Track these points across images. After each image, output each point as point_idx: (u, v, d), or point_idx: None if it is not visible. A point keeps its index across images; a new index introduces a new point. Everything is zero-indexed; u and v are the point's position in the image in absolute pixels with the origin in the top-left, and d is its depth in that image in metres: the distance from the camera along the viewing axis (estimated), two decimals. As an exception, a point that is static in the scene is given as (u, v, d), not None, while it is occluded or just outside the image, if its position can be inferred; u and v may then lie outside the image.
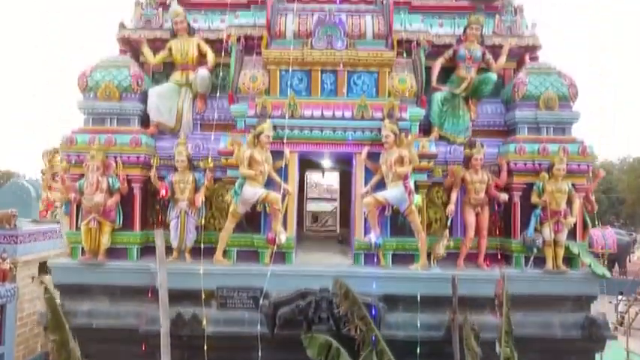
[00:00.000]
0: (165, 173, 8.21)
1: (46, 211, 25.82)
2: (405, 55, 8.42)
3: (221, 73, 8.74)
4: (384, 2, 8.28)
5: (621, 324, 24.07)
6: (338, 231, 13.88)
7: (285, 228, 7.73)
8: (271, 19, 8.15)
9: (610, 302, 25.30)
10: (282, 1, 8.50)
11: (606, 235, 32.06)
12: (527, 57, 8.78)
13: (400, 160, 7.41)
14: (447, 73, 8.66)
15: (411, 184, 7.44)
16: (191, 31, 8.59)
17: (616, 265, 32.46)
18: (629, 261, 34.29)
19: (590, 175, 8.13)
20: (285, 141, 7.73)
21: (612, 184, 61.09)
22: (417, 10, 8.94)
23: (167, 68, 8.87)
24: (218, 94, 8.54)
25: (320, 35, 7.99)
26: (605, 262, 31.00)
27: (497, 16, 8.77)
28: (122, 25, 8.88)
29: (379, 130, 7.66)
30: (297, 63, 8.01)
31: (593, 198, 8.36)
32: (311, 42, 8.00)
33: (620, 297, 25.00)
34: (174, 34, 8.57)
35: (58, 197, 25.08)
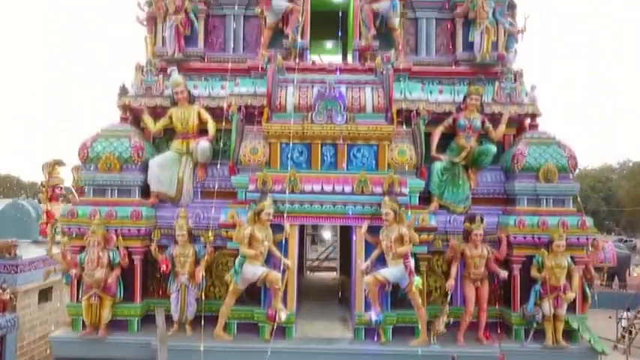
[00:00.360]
0: (166, 242, 8.27)
1: (46, 224, 25.88)
2: (404, 124, 8.47)
3: (222, 139, 8.79)
4: (384, 73, 8.29)
5: (620, 341, 24.09)
6: (338, 274, 13.94)
7: (286, 303, 7.75)
8: (272, 90, 8.17)
9: (609, 317, 25.33)
10: (282, 71, 8.51)
11: (606, 249, 32.12)
12: (526, 122, 8.82)
13: (400, 239, 7.44)
14: (446, 139, 8.69)
15: (412, 264, 7.47)
16: (191, 99, 8.61)
17: (615, 278, 32.51)
18: (629, 274, 34.27)
19: (590, 247, 8.16)
20: (285, 215, 7.77)
21: (612, 190, 61.25)
22: (416, 76, 8.98)
23: (168, 133, 8.87)
24: (219, 161, 8.59)
25: (320, 109, 8.02)
26: (605, 276, 31.15)
27: (496, 83, 8.78)
28: (123, 92, 8.92)
29: (379, 204, 7.69)
30: (298, 137, 8.05)
31: (592, 268, 8.41)
32: (311, 116, 8.03)
33: (627, 313, 24.88)
34: (174, 102, 8.59)
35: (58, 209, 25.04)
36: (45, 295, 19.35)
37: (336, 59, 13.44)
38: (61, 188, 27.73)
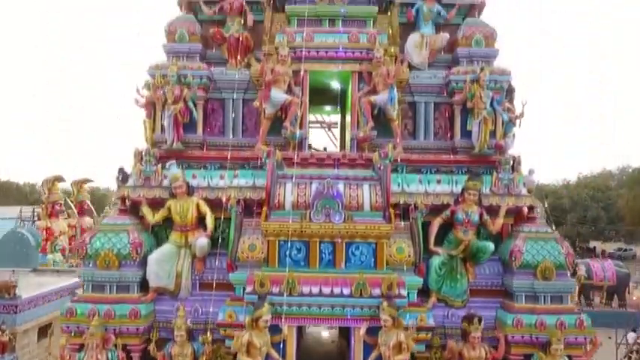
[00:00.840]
0: (165, 335, 8.30)
1: (47, 241, 25.97)
2: (402, 217, 8.50)
3: (221, 226, 8.81)
4: (382, 169, 8.32)
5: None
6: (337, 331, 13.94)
7: (285, 405, 7.78)
8: (271, 187, 8.20)
9: (609, 337, 25.28)
10: (281, 167, 8.53)
11: (605, 267, 32.16)
12: (525, 209, 8.82)
13: (398, 346, 7.45)
14: (444, 228, 8.70)
15: (409, 372, 7.50)
16: (190, 191, 8.62)
17: (615, 297, 32.46)
18: (629, 292, 34.18)
19: (588, 346, 8.18)
20: (283, 317, 7.78)
21: (612, 199, 61.28)
22: (414, 165, 8.98)
23: (167, 220, 8.85)
24: (218, 250, 8.61)
25: (318, 208, 8.03)
26: (605, 295, 31.07)
27: (494, 173, 8.79)
28: (122, 182, 8.95)
29: (378, 307, 7.69)
30: (296, 235, 8.05)
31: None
32: (309, 215, 8.04)
33: (631, 334, 24.70)
34: (173, 194, 8.60)
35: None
36: (44, 331, 19.37)
37: (335, 115, 13.47)
38: (61, 204, 27.75)
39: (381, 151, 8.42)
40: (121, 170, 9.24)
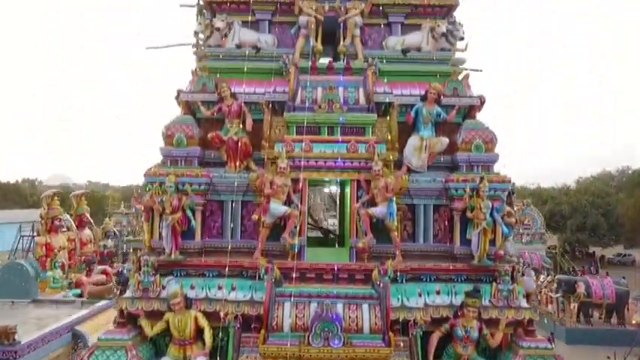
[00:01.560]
0: None
1: (46, 257, 25.94)
2: (401, 332, 8.49)
3: (219, 334, 8.79)
4: (381, 286, 8.29)
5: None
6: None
7: None
8: (269, 308, 8.19)
9: (608, 358, 25.28)
10: (279, 283, 8.49)
11: (605, 285, 32.18)
12: (525, 321, 8.80)
13: None
14: (444, 340, 8.69)
15: None
16: (188, 304, 8.59)
17: (614, 314, 32.48)
18: (628, 310, 34.20)
19: None
20: None
21: (611, 205, 61.33)
22: (414, 273, 8.94)
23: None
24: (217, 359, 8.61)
25: (317, 331, 8.00)
26: (604, 313, 31.09)
27: (494, 284, 8.76)
28: (122, 286, 8.94)
29: None
30: (295, 358, 8.04)
31: None
32: (308, 338, 8.01)
33: None
34: (170, 308, 8.59)
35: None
36: (45, 372, 19.41)
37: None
38: (60, 219, 27.74)
39: (380, 267, 8.37)
40: (120, 274, 9.22)
